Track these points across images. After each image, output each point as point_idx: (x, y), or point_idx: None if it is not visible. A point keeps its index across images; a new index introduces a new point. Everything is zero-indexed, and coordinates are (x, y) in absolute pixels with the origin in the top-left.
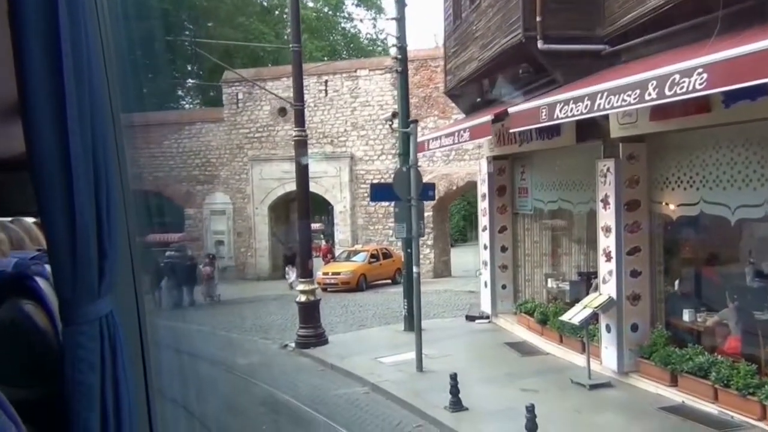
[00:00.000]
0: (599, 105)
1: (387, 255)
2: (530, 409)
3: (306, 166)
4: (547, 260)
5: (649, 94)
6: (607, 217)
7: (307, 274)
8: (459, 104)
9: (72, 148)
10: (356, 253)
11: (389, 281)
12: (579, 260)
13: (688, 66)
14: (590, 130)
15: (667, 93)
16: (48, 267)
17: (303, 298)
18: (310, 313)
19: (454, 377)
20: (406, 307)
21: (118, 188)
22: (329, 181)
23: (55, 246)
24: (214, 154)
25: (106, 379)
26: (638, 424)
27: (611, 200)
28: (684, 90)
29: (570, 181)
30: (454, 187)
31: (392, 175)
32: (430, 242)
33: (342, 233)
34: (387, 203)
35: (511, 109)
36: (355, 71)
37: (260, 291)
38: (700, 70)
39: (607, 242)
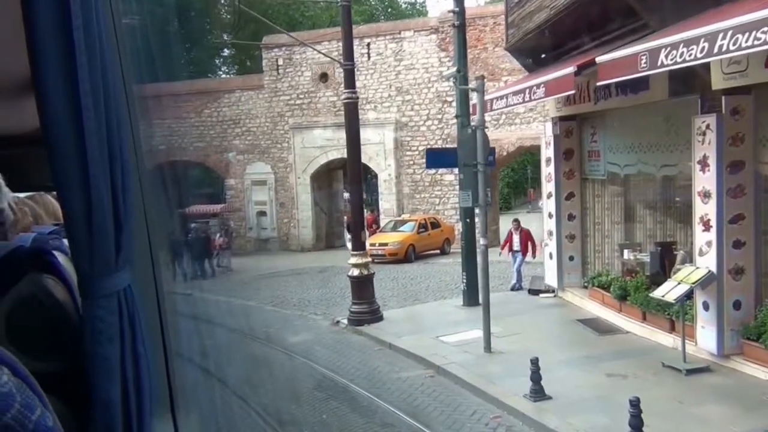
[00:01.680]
0: (721, 47)
1: (435, 224)
2: (635, 403)
3: (357, 130)
4: (620, 229)
5: None
6: (705, 180)
7: (359, 246)
8: (522, 61)
9: (85, 122)
10: (403, 222)
11: (438, 252)
12: (656, 229)
13: None
14: (686, 82)
15: None
16: (66, 241)
17: (356, 272)
18: (363, 287)
19: (535, 362)
20: (465, 280)
21: (133, 161)
22: (373, 148)
23: (72, 220)
24: (254, 122)
25: (125, 351)
26: (753, 416)
27: (711, 161)
28: None
29: (654, 141)
30: (504, 153)
31: (440, 141)
32: (478, 210)
33: (387, 202)
34: (434, 170)
35: (599, 58)
36: (399, 33)
37: (305, 263)
38: None
39: (705, 209)
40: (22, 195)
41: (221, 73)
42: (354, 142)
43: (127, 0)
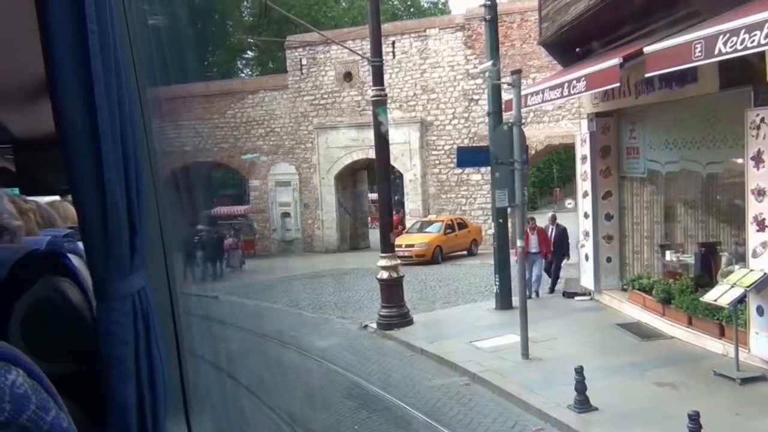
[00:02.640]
0: None
1: (462, 225)
2: (694, 418)
3: (386, 128)
4: (659, 229)
5: None
6: (759, 177)
7: (388, 247)
8: (556, 55)
9: (100, 125)
10: (430, 223)
11: (465, 253)
12: (697, 229)
13: None
14: (738, 74)
15: None
16: (80, 244)
17: (385, 274)
18: (392, 290)
19: (579, 371)
20: (498, 283)
21: (147, 163)
22: (398, 148)
23: (87, 223)
24: (278, 122)
25: (140, 354)
26: None
27: (766, 156)
28: None
29: (700, 137)
30: (533, 152)
31: (466, 140)
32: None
33: (412, 203)
34: (461, 170)
35: (647, 48)
36: (424, 31)
37: (330, 264)
38: None
39: (759, 208)
40: (40, 199)
41: (243, 75)
42: (382, 141)
43: (143, 3)
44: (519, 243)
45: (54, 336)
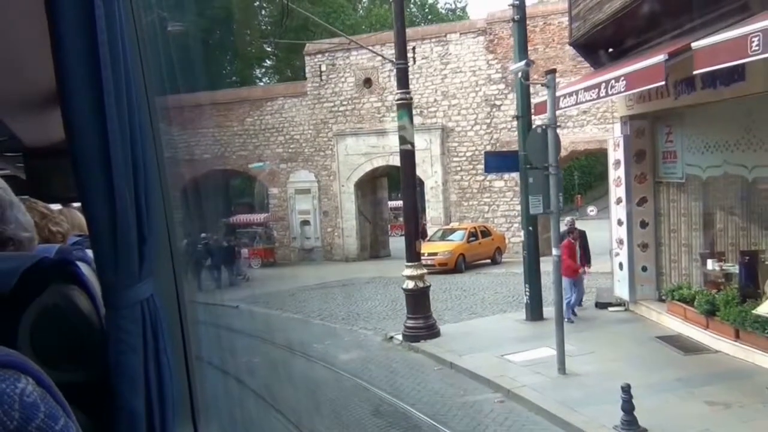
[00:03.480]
0: None
1: (486, 233)
2: None
3: (411, 133)
4: (698, 237)
5: None
6: None
7: (414, 256)
8: (587, 56)
9: (110, 134)
10: (452, 231)
11: (489, 261)
12: (738, 236)
13: None
14: None
15: None
16: (89, 252)
17: (411, 284)
18: (419, 301)
19: (627, 389)
20: (528, 293)
21: (155, 172)
22: (419, 155)
23: (96, 231)
24: (297, 130)
25: (148, 362)
26: None
27: None
28: None
29: (746, 139)
30: None
31: (488, 146)
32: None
33: (434, 210)
34: (483, 177)
35: (696, 44)
36: (445, 35)
37: (351, 273)
38: None
39: None
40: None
41: (261, 84)
42: (406, 146)
43: (153, 14)
44: (555, 251)
45: (63, 344)
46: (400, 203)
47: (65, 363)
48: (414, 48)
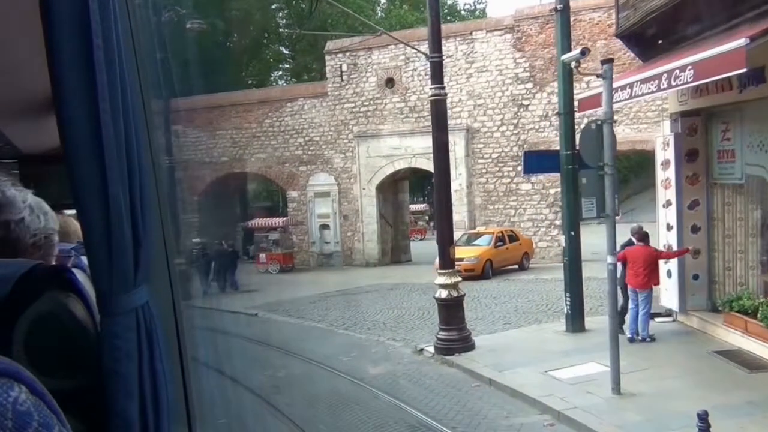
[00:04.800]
0: None
1: (513, 238)
2: None
3: (445, 130)
4: (756, 243)
5: None
6: None
7: (448, 263)
8: (635, 48)
9: (105, 140)
10: (479, 235)
11: (516, 267)
12: None
13: None
14: None
15: None
16: (84, 258)
17: (444, 293)
18: (452, 311)
19: (704, 416)
20: (569, 302)
21: (151, 178)
22: None
23: (92, 238)
24: (317, 131)
25: (143, 369)
26: None
27: None
28: None
29: None
30: None
31: (515, 148)
32: (558, 222)
33: (458, 214)
34: (509, 180)
35: None
36: (470, 33)
37: (373, 279)
38: None
39: None
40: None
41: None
42: (441, 145)
43: (150, 17)
44: (609, 260)
45: (57, 351)
46: (420, 207)
47: (60, 370)
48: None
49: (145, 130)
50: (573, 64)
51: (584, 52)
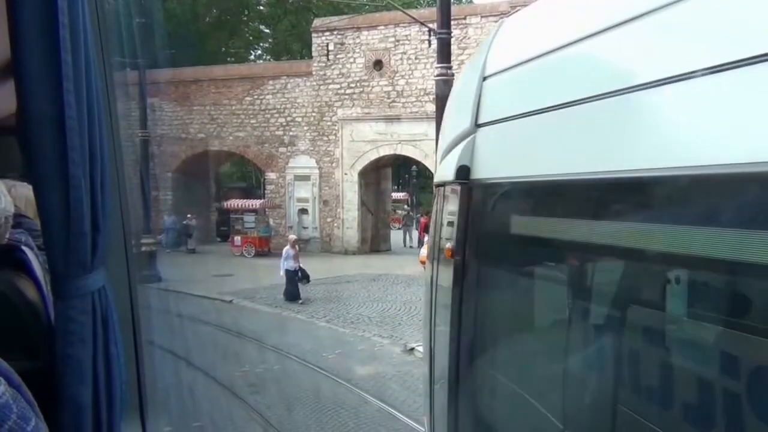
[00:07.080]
0: None
1: None
2: None
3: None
4: None
5: None
6: None
7: None
8: None
9: (67, 121)
10: None
11: None
12: None
13: None
14: None
15: None
16: (30, 237)
17: None
18: None
19: None
20: None
21: (113, 161)
22: (429, 145)
23: (50, 220)
24: (299, 111)
25: (98, 354)
26: None
27: None
28: None
29: None
30: None
31: None
32: None
33: None
34: None
35: None
36: (464, 18)
37: (353, 268)
38: None
39: None
40: None
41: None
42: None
43: None
44: None
45: (7, 332)
46: (400, 195)
47: (8, 352)
48: (430, 30)
49: (109, 113)
50: None
51: None
